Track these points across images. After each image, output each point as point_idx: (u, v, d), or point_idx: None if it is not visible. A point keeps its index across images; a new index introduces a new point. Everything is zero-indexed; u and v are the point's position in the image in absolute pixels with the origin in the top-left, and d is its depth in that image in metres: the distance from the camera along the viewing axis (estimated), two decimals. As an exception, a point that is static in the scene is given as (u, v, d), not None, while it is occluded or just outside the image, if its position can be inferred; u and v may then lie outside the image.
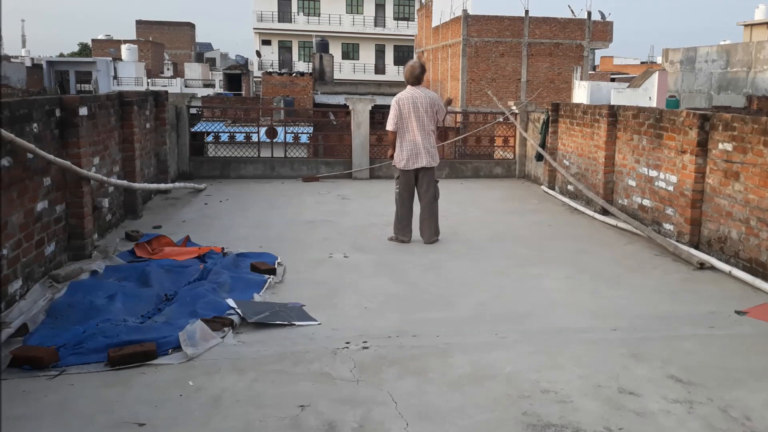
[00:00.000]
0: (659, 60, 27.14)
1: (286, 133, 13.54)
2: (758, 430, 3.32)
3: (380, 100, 17.28)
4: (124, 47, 52.22)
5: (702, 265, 6.20)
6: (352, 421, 3.32)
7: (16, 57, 51.94)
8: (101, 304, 4.71)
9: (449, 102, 7.84)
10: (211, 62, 66.42)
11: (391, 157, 7.21)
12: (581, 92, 24.95)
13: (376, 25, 56.31)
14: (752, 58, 16.57)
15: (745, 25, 40.96)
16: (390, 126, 7.05)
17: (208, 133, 12.87)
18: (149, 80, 48.82)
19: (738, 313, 5.03)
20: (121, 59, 50.38)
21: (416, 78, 7.00)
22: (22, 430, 3.24)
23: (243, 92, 43.49)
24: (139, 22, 71.13)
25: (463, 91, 33.86)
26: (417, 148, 6.97)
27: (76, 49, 75.17)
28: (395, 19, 56.66)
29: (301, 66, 51.75)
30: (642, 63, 57.61)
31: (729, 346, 4.39)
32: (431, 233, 7.15)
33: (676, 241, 6.86)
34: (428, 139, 7.01)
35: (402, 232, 7.15)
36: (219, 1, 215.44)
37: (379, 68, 56.09)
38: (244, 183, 10.98)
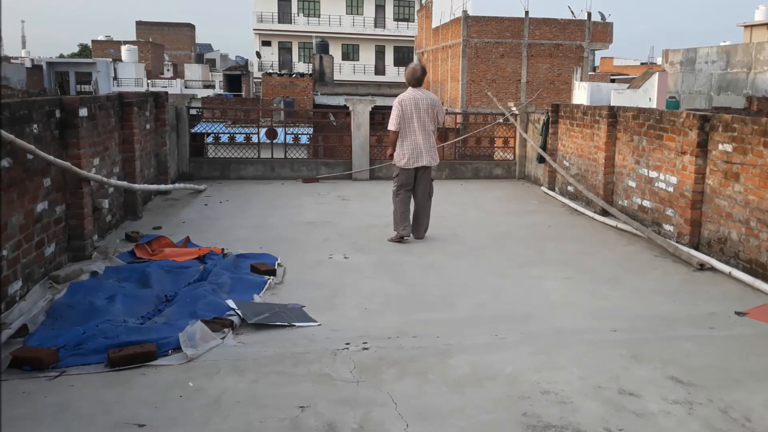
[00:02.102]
0: (659, 61, 27.15)
1: (286, 134, 13.53)
2: (758, 430, 3.32)
3: (380, 101, 17.30)
4: (124, 48, 52.22)
5: (702, 266, 6.20)
6: (352, 422, 3.32)
7: (16, 58, 51.93)
8: (101, 305, 4.71)
9: None
10: (211, 63, 66.40)
11: (391, 156, 7.34)
12: (581, 93, 24.96)
13: (376, 26, 56.33)
14: (752, 59, 16.58)
15: (745, 26, 40.99)
16: (393, 126, 7.18)
17: (208, 134, 12.87)
18: (149, 81, 48.82)
19: (738, 314, 5.03)
20: (121, 60, 50.39)
21: (417, 80, 7.16)
22: (22, 431, 3.24)
23: (243, 93, 43.49)
24: (139, 23, 71.15)
25: (463, 92, 33.87)
26: (419, 147, 7.13)
27: (76, 50, 75.19)
28: (395, 20, 56.67)
29: (301, 67, 51.77)
30: (642, 64, 57.58)
31: (729, 347, 4.39)
32: (424, 230, 7.37)
33: (676, 242, 6.86)
34: (429, 139, 7.18)
35: (402, 226, 7.27)
36: (219, 2, 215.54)
37: (379, 69, 56.10)
38: (244, 184, 10.98)
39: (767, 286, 5.51)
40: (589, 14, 34.66)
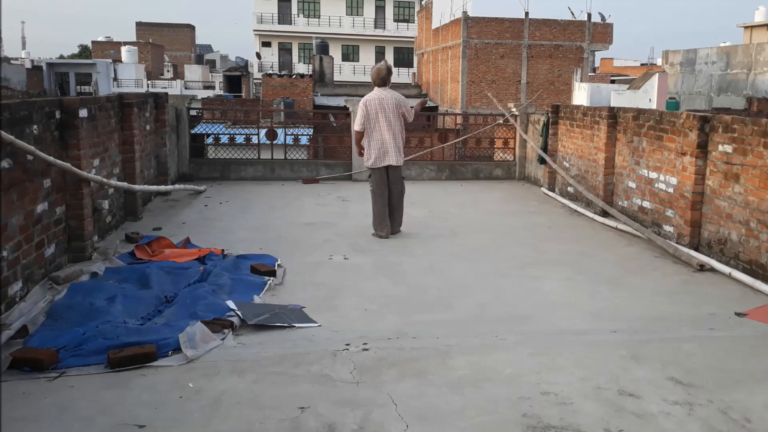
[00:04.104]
0: (659, 62, 27.15)
1: (286, 134, 13.53)
2: (758, 431, 3.32)
3: (380, 102, 17.19)
4: (124, 49, 52.28)
5: (702, 267, 6.20)
6: (352, 423, 3.32)
7: (16, 59, 51.97)
8: (101, 306, 4.71)
9: (424, 103, 8.07)
10: (211, 64, 66.42)
11: (361, 155, 7.55)
12: (581, 94, 24.99)
13: (376, 27, 56.35)
14: (752, 59, 16.59)
15: (745, 27, 41.06)
16: (357, 126, 7.41)
17: (208, 135, 12.88)
18: (149, 82, 48.85)
19: (738, 314, 5.03)
20: (121, 61, 50.44)
21: (382, 80, 7.35)
22: (22, 432, 3.24)
23: (243, 94, 43.49)
24: (139, 24, 71.17)
25: (463, 93, 33.89)
26: (385, 146, 7.31)
27: (76, 50, 75.23)
28: (395, 20, 56.70)
29: (301, 68, 51.77)
30: (642, 65, 57.62)
31: (729, 347, 4.39)
32: (397, 225, 7.55)
33: (676, 242, 6.86)
34: (396, 138, 7.35)
35: (380, 227, 7.43)
36: (219, 3, 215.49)
37: (379, 70, 56.02)
38: (244, 185, 10.98)
39: (767, 287, 5.51)
40: (589, 15, 34.72)
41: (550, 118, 10.43)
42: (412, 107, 7.57)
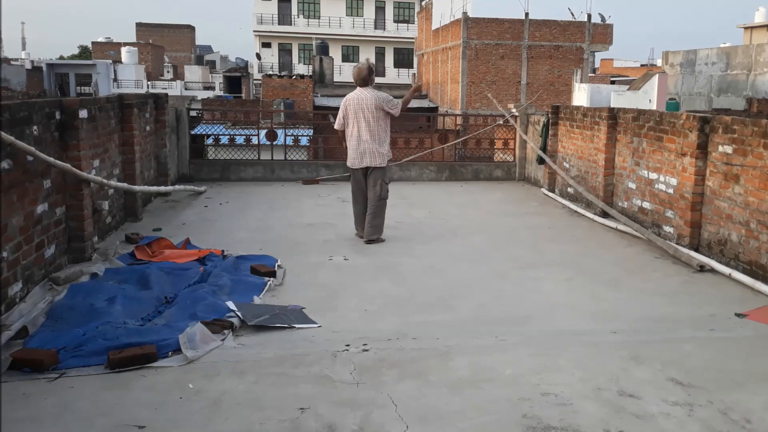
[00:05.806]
0: (659, 62, 27.16)
1: (286, 135, 13.53)
2: (758, 432, 3.32)
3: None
4: (124, 50, 52.32)
5: (702, 268, 6.20)
6: (352, 424, 3.32)
7: (16, 59, 51.98)
8: (101, 307, 4.71)
9: (419, 88, 7.84)
10: (211, 65, 66.45)
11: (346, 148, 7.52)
12: (581, 95, 25.02)
13: (376, 28, 56.35)
14: (752, 60, 16.59)
15: (745, 28, 41.10)
16: (336, 125, 7.40)
17: (208, 136, 12.88)
18: (149, 83, 48.91)
19: (738, 315, 5.04)
20: (121, 62, 50.46)
21: (363, 80, 7.20)
22: (22, 433, 3.24)
23: (243, 95, 43.53)
24: (139, 25, 71.19)
25: (463, 94, 33.91)
26: (361, 148, 7.18)
27: (76, 51, 75.25)
28: (395, 21, 56.70)
29: (301, 68, 51.77)
30: (642, 66, 57.62)
31: (729, 348, 4.39)
32: (370, 231, 7.18)
33: (676, 243, 6.86)
34: (375, 139, 7.14)
35: (359, 227, 7.43)
36: (219, 4, 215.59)
37: (379, 71, 55.99)
38: (244, 185, 10.98)
39: (767, 287, 5.51)
40: (589, 16, 34.75)
41: (549, 119, 10.43)
42: (401, 97, 7.36)
